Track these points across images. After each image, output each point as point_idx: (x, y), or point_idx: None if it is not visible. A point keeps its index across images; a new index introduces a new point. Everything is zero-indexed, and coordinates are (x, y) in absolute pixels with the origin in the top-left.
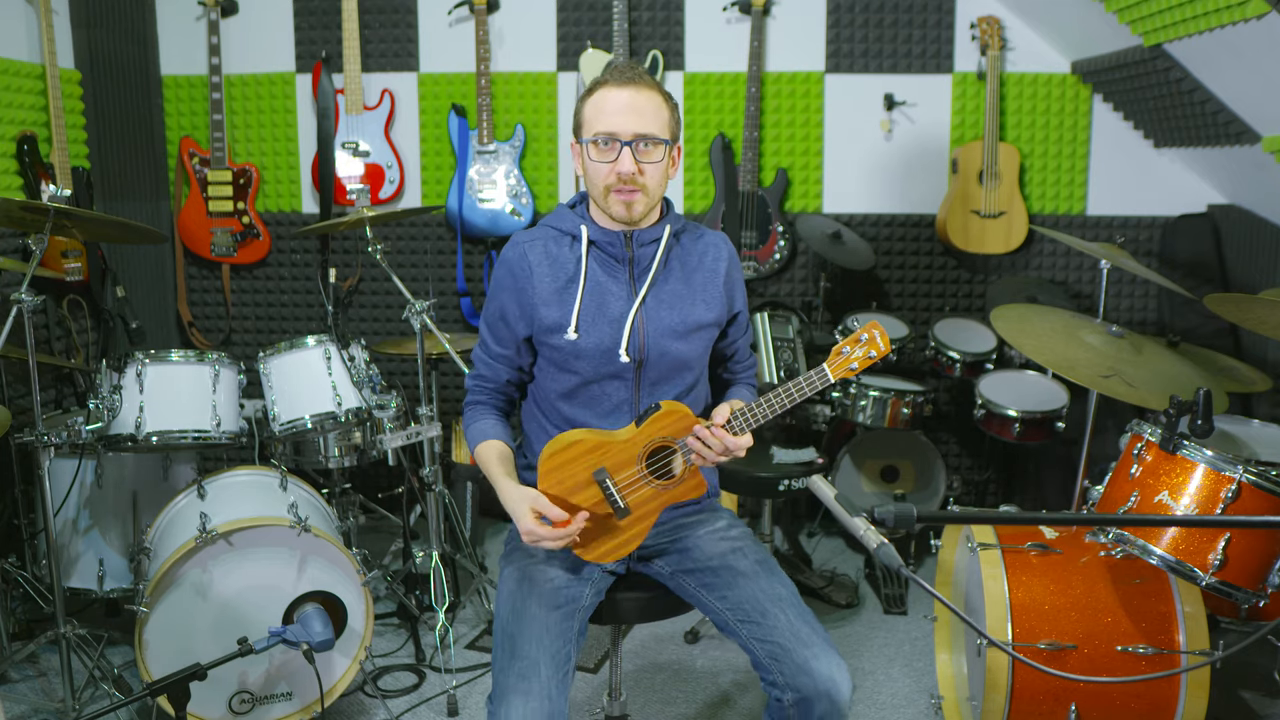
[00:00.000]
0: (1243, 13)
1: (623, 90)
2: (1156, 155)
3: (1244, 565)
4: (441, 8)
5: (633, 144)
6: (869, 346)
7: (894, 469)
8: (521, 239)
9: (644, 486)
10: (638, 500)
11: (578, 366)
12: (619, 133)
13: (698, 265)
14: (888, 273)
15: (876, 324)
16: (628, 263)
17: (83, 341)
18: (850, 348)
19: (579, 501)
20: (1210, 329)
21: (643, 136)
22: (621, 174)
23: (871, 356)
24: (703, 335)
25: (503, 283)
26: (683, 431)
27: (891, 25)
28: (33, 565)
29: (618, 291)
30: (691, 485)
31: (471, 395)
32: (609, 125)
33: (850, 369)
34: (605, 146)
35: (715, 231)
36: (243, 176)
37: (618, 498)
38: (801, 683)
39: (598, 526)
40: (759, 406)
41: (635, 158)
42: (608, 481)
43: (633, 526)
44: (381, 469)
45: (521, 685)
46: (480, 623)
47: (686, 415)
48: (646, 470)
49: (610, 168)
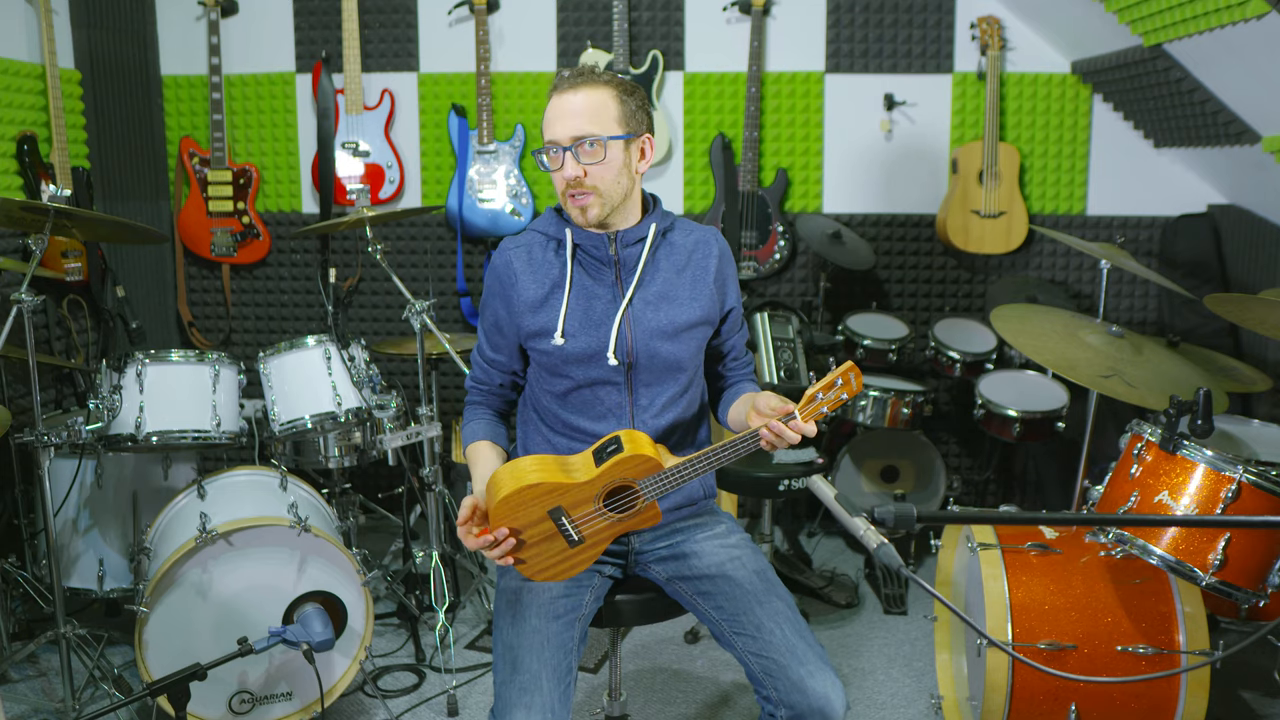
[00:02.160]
0: (1243, 13)
1: (562, 97)
2: (1156, 155)
3: (1244, 565)
4: (441, 8)
5: (572, 148)
6: (843, 389)
7: (894, 469)
8: (507, 245)
9: (599, 520)
10: (592, 531)
11: (568, 371)
12: (558, 139)
13: (686, 263)
14: (888, 273)
15: (853, 366)
16: (613, 264)
17: (83, 341)
18: (823, 393)
19: (532, 533)
20: (1210, 329)
21: (579, 138)
22: (566, 179)
23: (843, 399)
24: (694, 335)
25: (492, 289)
26: (644, 473)
27: (891, 25)
28: (33, 565)
29: (603, 294)
30: (648, 516)
31: (470, 397)
32: (550, 133)
33: (821, 413)
34: (553, 154)
35: (706, 227)
36: (243, 176)
37: (572, 532)
38: (795, 700)
39: (549, 553)
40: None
41: (578, 161)
42: (563, 519)
43: (585, 552)
44: (381, 469)
45: (524, 699)
46: (480, 623)
47: (648, 459)
48: (604, 508)
49: (559, 175)
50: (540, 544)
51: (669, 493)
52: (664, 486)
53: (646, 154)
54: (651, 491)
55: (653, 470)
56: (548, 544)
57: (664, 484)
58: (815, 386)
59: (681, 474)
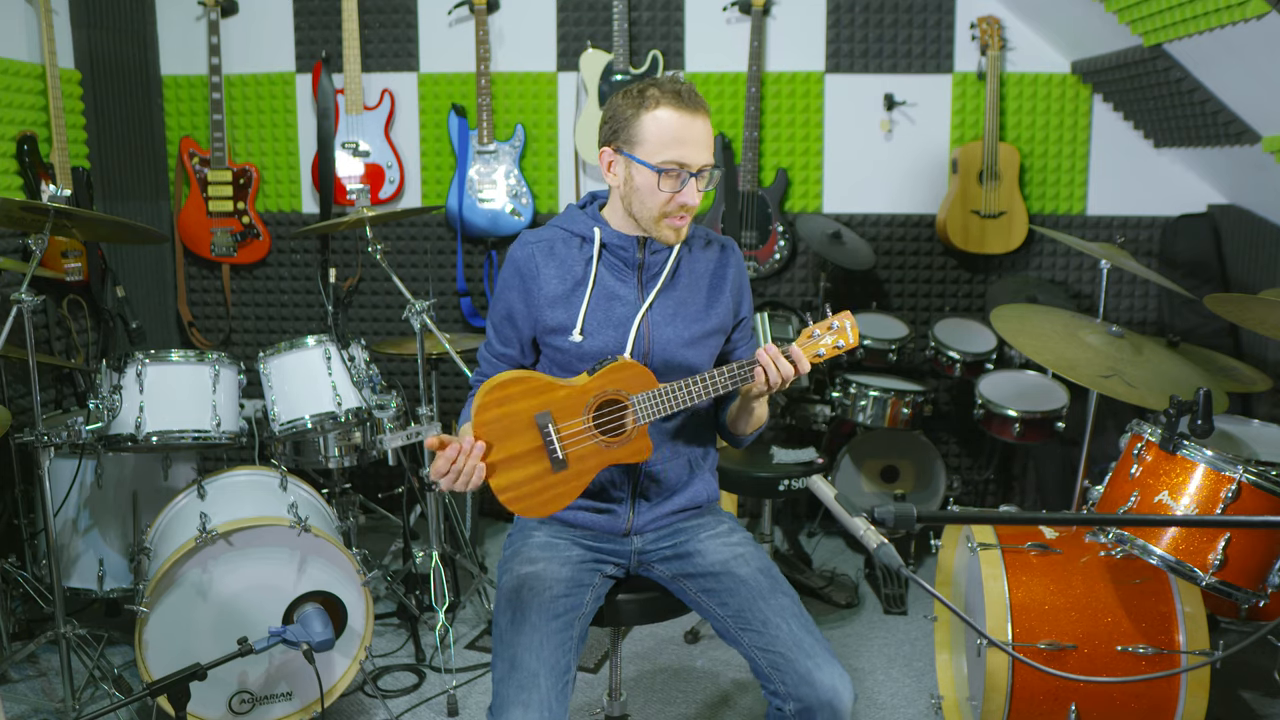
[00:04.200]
0: (1243, 13)
1: (694, 119)
2: (1156, 155)
3: (1244, 565)
4: (441, 8)
5: (698, 175)
6: (839, 335)
7: (894, 469)
8: (530, 239)
9: (587, 440)
10: (577, 454)
11: (581, 369)
12: (689, 164)
13: (705, 272)
14: (888, 273)
15: (849, 315)
16: (638, 268)
17: (83, 341)
18: (821, 332)
19: (513, 446)
20: (1210, 329)
21: (707, 167)
22: (686, 205)
23: (840, 346)
24: (710, 343)
25: (510, 282)
26: (639, 387)
27: (891, 25)
28: (33, 565)
29: (626, 295)
30: (637, 448)
31: (472, 391)
32: (682, 156)
33: (818, 355)
34: (673, 175)
35: (724, 236)
36: (243, 176)
37: (557, 447)
38: (804, 693)
39: (530, 475)
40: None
41: (698, 188)
42: (550, 427)
43: (566, 483)
44: (381, 469)
45: (521, 697)
46: (480, 623)
47: (644, 372)
48: (593, 424)
49: (674, 197)
50: (521, 460)
51: (658, 466)
52: (656, 408)
53: None
54: (643, 412)
55: (647, 385)
56: (529, 462)
57: (656, 405)
58: (813, 325)
59: (674, 395)
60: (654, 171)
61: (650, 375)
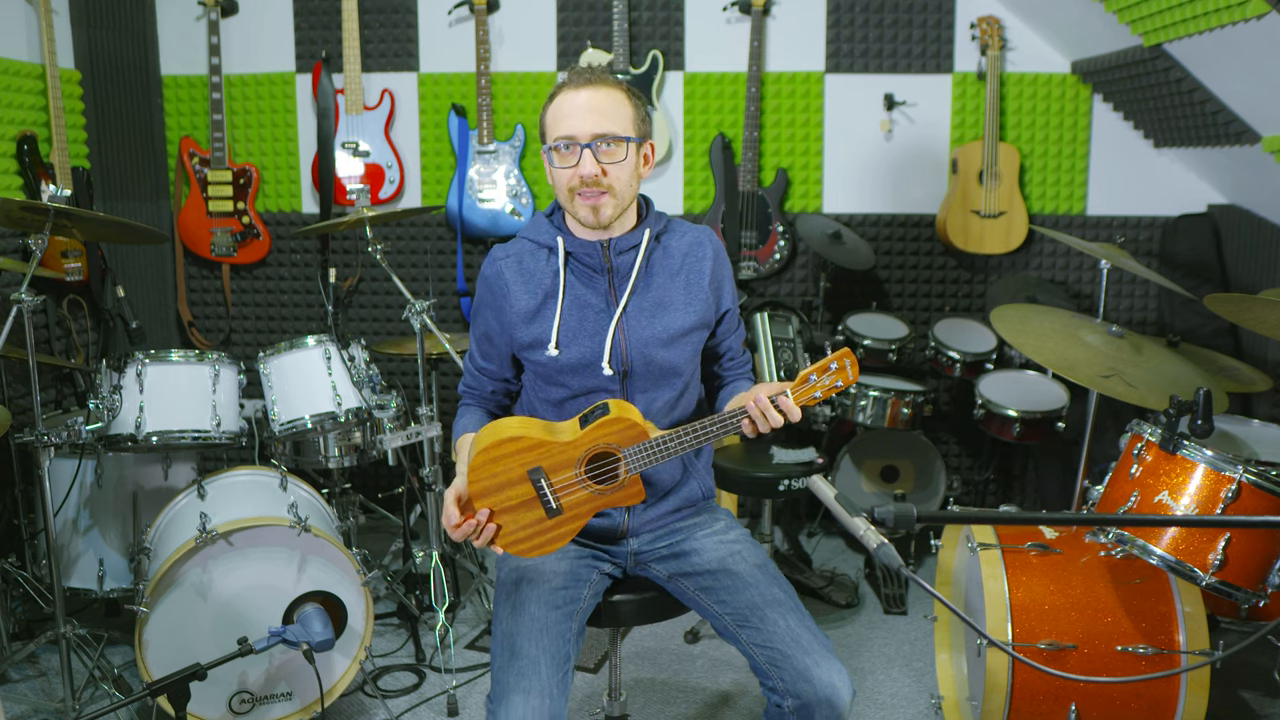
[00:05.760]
0: (1243, 13)
1: (580, 91)
2: (1156, 155)
3: (1244, 565)
4: (441, 8)
5: (593, 145)
6: (837, 376)
7: (894, 469)
8: (498, 254)
9: (580, 490)
10: (571, 502)
11: (563, 380)
12: (577, 135)
13: (680, 267)
14: (888, 273)
15: (849, 354)
16: (606, 273)
17: (83, 341)
18: (817, 376)
19: (509, 496)
20: (1210, 329)
21: (602, 136)
22: (584, 176)
23: (838, 386)
24: (690, 340)
25: (484, 299)
26: (629, 440)
27: (891, 25)
28: (33, 565)
29: (597, 303)
30: (631, 492)
31: (463, 400)
32: (567, 128)
33: (814, 398)
34: (566, 151)
35: (699, 227)
36: (243, 176)
37: (551, 499)
38: (802, 689)
39: (525, 522)
40: (712, 424)
41: (597, 159)
42: (542, 482)
43: (563, 526)
44: (381, 469)
45: (521, 684)
46: (480, 623)
47: (634, 425)
48: (585, 475)
49: (572, 172)
50: (517, 509)
51: (651, 468)
52: (647, 458)
53: (649, 160)
54: (635, 462)
55: (638, 438)
56: (525, 511)
57: (648, 455)
58: (810, 368)
59: (666, 446)
60: (551, 151)
61: (641, 428)
